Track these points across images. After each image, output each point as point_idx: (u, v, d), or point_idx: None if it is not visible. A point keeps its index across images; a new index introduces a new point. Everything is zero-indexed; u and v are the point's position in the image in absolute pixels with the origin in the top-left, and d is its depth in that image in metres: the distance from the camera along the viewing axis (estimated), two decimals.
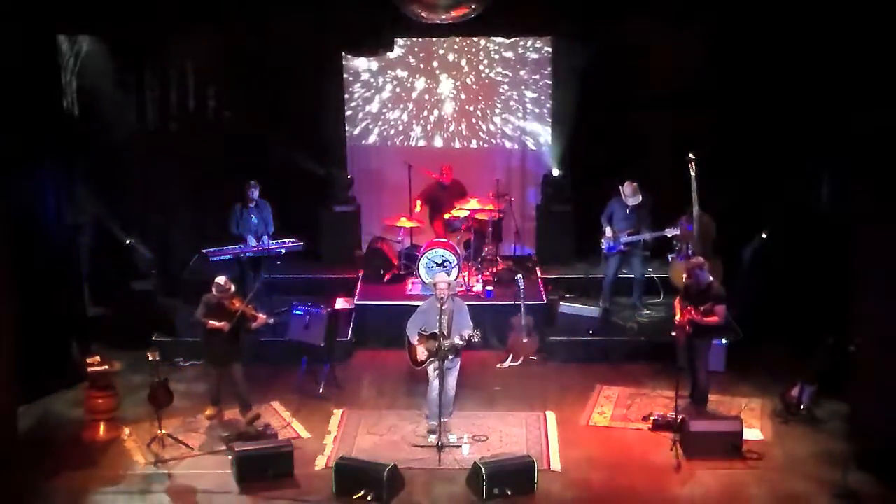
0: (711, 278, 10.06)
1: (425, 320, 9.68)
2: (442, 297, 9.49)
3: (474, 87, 13.89)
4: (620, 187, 11.85)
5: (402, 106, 14.00)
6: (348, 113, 13.92)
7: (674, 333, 10.13)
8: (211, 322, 9.80)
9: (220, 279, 9.86)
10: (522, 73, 13.85)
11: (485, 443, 9.74)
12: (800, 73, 11.16)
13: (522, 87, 13.90)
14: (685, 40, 11.73)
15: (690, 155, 11.63)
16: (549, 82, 13.75)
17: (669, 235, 11.86)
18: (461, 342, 9.47)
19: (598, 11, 10.62)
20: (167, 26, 10.74)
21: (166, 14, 10.36)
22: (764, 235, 11.92)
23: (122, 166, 12.66)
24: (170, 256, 13.39)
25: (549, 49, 13.63)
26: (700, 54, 11.98)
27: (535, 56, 13.78)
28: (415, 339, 9.71)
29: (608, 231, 11.98)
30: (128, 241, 12.54)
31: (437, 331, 9.48)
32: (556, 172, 13.58)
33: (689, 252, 11.70)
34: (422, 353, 9.61)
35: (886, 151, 9.10)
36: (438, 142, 14.06)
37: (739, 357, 11.40)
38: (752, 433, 9.78)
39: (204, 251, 12.15)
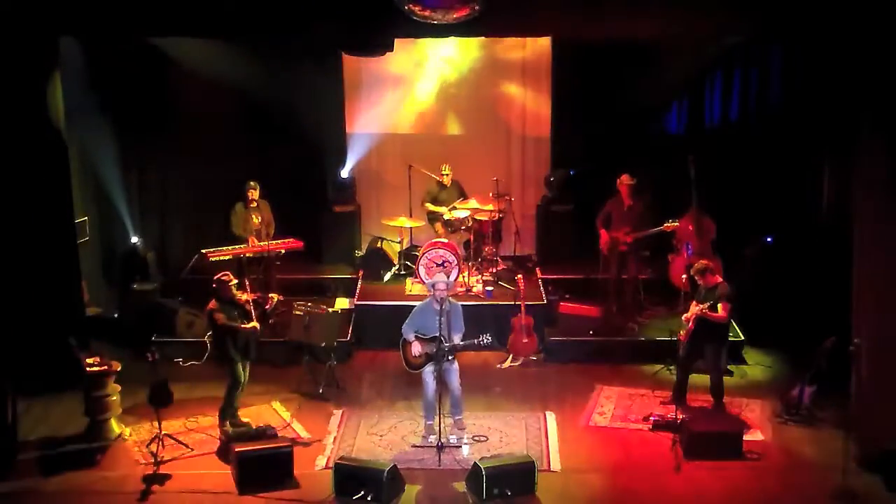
0: (720, 279, 10.05)
1: (422, 322, 9.65)
2: (441, 298, 9.49)
3: (474, 87, 13.87)
4: (618, 182, 11.85)
5: (402, 106, 13.97)
6: (348, 113, 13.91)
7: (682, 332, 10.11)
8: (242, 325, 9.68)
9: (219, 275, 9.79)
10: (522, 72, 13.83)
11: (485, 443, 9.74)
12: (802, 73, 11.17)
13: (522, 87, 13.88)
14: (686, 40, 11.74)
15: (690, 155, 11.64)
16: (550, 82, 13.74)
17: (666, 232, 11.89)
18: (461, 343, 9.48)
19: (598, 11, 10.61)
20: (167, 27, 10.74)
21: (166, 14, 10.35)
22: (769, 240, 11.91)
23: (122, 166, 12.67)
24: (170, 256, 13.39)
25: (549, 49, 13.62)
26: (701, 54, 11.99)
27: (535, 56, 13.77)
28: (411, 338, 9.69)
29: (603, 233, 11.99)
30: (132, 240, 12.56)
31: (435, 334, 9.48)
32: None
33: (689, 252, 11.72)
34: (416, 349, 9.55)
35: (887, 151, 9.10)
36: (438, 142, 14.04)
37: (740, 356, 11.42)
38: (752, 433, 9.79)
39: (204, 251, 12.16)
